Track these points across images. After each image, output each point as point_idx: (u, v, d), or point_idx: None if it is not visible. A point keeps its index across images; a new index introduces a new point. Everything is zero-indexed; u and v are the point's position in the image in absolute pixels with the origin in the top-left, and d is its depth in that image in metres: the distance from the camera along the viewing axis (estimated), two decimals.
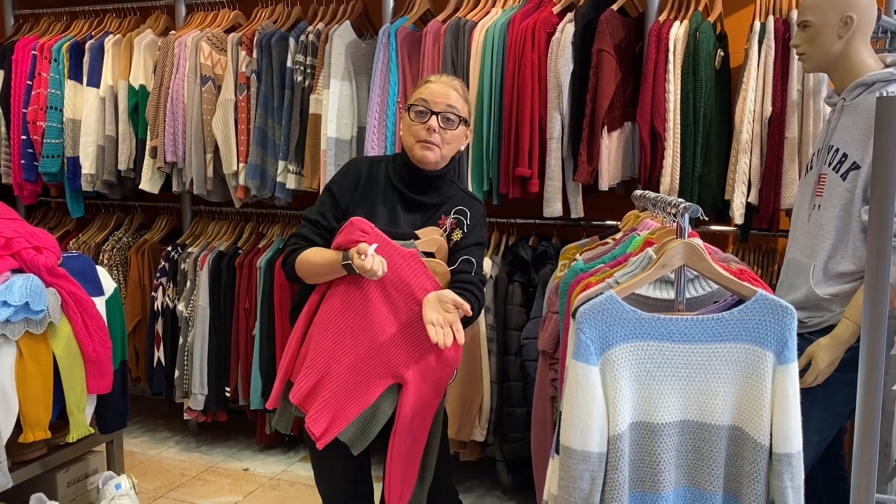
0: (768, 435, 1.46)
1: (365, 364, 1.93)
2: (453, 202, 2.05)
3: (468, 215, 2.04)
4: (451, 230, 2.02)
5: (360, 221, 1.92)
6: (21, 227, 2.35)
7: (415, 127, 1.97)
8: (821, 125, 2.54)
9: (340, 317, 1.93)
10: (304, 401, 1.95)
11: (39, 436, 2.27)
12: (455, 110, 1.98)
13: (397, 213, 2.02)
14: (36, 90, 3.64)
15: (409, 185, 2.01)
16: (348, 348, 1.93)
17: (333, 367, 1.93)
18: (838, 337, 1.89)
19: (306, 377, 1.94)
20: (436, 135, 1.95)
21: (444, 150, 1.99)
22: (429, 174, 2.01)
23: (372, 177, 2.04)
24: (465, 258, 2.00)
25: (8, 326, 2.17)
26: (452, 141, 1.99)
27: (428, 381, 1.97)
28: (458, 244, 2.02)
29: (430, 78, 2.04)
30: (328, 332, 1.94)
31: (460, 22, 2.92)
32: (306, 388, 1.94)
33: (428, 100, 1.97)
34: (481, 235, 2.07)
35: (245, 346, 3.38)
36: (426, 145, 1.95)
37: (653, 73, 2.68)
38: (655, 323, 1.47)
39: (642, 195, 2.13)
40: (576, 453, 1.46)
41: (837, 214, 1.94)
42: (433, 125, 1.94)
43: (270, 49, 3.20)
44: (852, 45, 1.99)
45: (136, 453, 3.46)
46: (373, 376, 1.93)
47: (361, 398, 1.93)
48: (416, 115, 1.97)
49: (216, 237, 3.59)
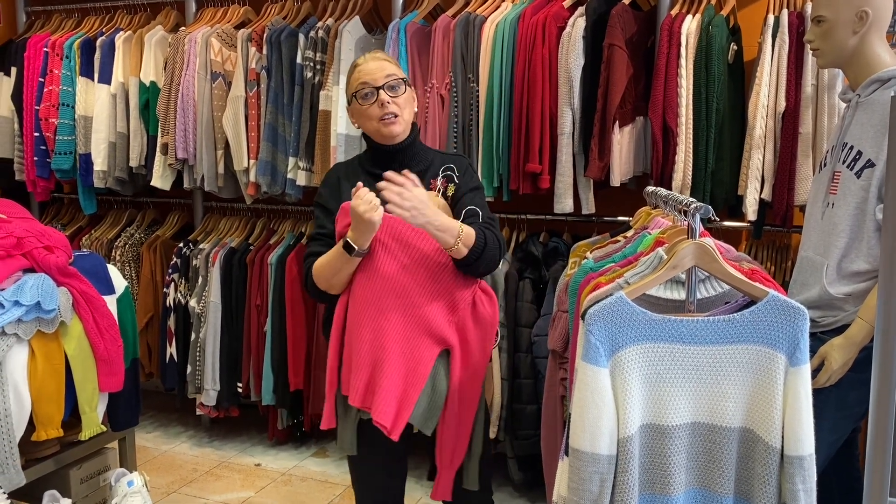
0: (780, 437, 1.44)
1: (409, 341, 1.91)
2: (436, 164, 2.05)
3: (454, 169, 2.04)
4: (444, 189, 2.03)
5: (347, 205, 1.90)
6: (32, 226, 2.36)
7: (368, 109, 1.97)
8: (835, 120, 2.51)
9: (369, 304, 1.91)
10: (364, 399, 1.90)
11: (52, 434, 2.28)
12: (395, 76, 1.98)
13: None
14: (48, 87, 3.66)
15: (386, 165, 1.97)
16: (387, 332, 1.90)
17: (380, 356, 1.90)
18: (852, 337, 1.87)
19: (358, 375, 1.90)
20: (391, 105, 1.95)
21: (405, 116, 1.99)
22: (399, 147, 2.01)
23: (349, 174, 2.05)
24: (467, 208, 1.99)
25: (20, 326, 2.18)
26: (406, 104, 2.00)
27: (471, 343, 1.96)
28: (455, 196, 2.02)
29: (357, 61, 2.03)
30: (364, 324, 1.91)
31: (470, 17, 2.91)
32: (362, 386, 1.89)
33: (367, 80, 1.96)
34: (474, 180, 2.07)
35: (256, 342, 3.39)
36: (388, 121, 1.96)
37: (665, 68, 2.65)
38: (666, 324, 1.46)
39: (654, 192, 2.10)
40: (585, 455, 1.45)
41: (852, 213, 1.91)
42: (384, 98, 1.95)
43: (280, 45, 3.19)
44: (867, 41, 1.96)
45: (149, 448, 3.48)
46: (420, 350, 1.91)
47: (417, 375, 1.91)
48: (364, 99, 1.97)
49: (227, 233, 3.60)
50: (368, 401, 1.90)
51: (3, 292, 2.17)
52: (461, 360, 1.95)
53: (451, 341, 1.93)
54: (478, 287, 1.99)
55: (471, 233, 1.88)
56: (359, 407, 1.91)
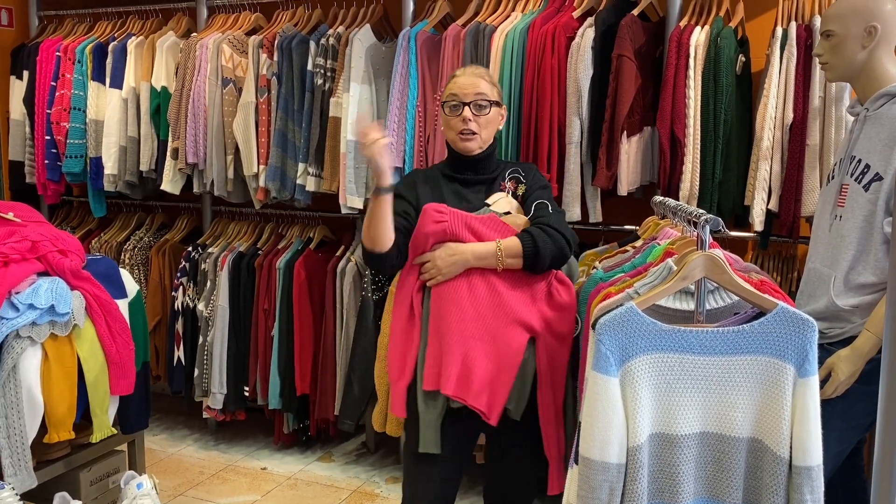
0: (788, 448, 1.46)
1: (497, 329, 1.97)
2: (503, 169, 2.20)
3: (521, 172, 2.19)
4: (513, 189, 2.15)
5: (432, 206, 2.04)
6: (47, 230, 2.39)
7: (452, 120, 2.12)
8: (843, 133, 2.53)
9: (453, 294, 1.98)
10: (457, 388, 1.93)
11: (63, 436, 2.31)
12: (484, 96, 2.11)
13: (462, 193, 2.14)
14: (60, 91, 3.69)
15: (463, 171, 2.16)
16: (477, 321, 1.96)
17: (471, 344, 1.95)
18: (859, 349, 1.88)
19: (450, 365, 1.93)
20: (472, 123, 2.09)
21: (484, 135, 2.12)
22: (476, 157, 2.14)
23: (428, 177, 2.18)
24: (537, 203, 2.11)
25: (34, 329, 2.21)
26: (489, 124, 2.13)
27: (552, 331, 2.02)
28: (525, 195, 2.15)
29: (457, 72, 2.18)
30: (451, 314, 1.97)
31: (480, 26, 2.93)
32: (455, 375, 1.93)
33: (458, 93, 2.11)
34: (542, 180, 2.21)
35: (264, 347, 3.41)
36: (466, 136, 2.09)
37: (673, 79, 2.67)
38: (675, 335, 1.48)
39: (662, 202, 2.12)
40: (595, 464, 1.47)
41: (859, 225, 1.93)
42: (467, 115, 2.08)
43: (291, 52, 3.22)
44: (876, 55, 1.98)
45: (155, 451, 3.50)
46: (510, 336, 1.97)
47: (510, 360, 1.96)
48: (451, 110, 2.12)
49: (236, 238, 3.63)
50: (462, 390, 1.93)
51: (18, 295, 2.19)
52: (546, 347, 2.02)
53: (537, 328, 2.00)
54: (553, 278, 2.06)
55: (512, 245, 1.99)
56: (452, 395, 1.93)
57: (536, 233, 2.00)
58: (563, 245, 2.03)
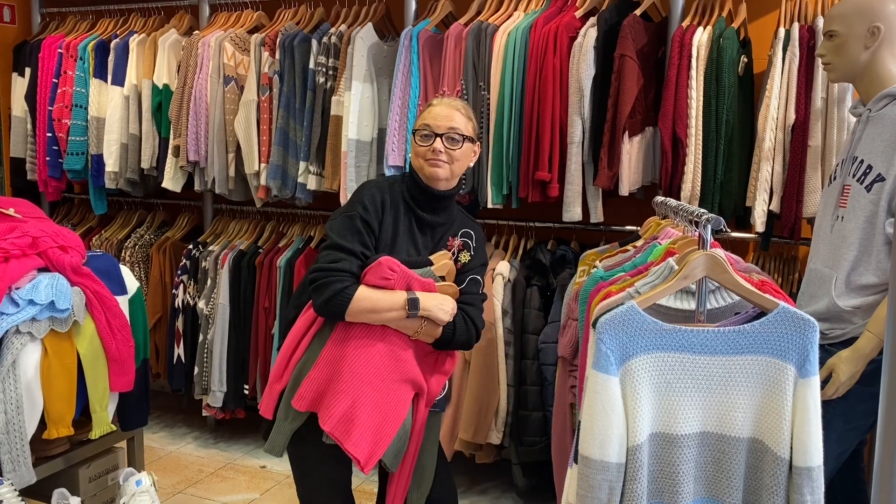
0: (788, 448, 1.45)
1: (393, 382, 1.98)
2: (458, 223, 2.15)
3: (472, 238, 2.14)
4: (458, 252, 2.12)
5: (387, 261, 1.95)
6: (47, 226, 2.39)
7: (421, 149, 2.05)
8: (845, 134, 2.52)
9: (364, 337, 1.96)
10: (336, 427, 1.91)
11: (63, 432, 2.31)
12: (458, 130, 2.04)
13: (414, 236, 2.08)
14: (61, 88, 3.69)
15: (422, 205, 2.08)
16: (376, 369, 1.96)
17: (364, 390, 1.93)
18: (860, 350, 1.88)
19: (337, 402, 1.91)
20: (442, 154, 2.02)
21: (454, 167, 2.05)
22: (439, 194, 2.07)
23: (392, 199, 2.07)
24: (472, 278, 2.10)
25: (34, 325, 2.20)
26: (461, 158, 2.06)
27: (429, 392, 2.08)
28: (466, 266, 2.12)
29: (433, 101, 2.12)
30: (355, 355, 1.94)
31: (482, 25, 2.93)
32: (339, 414, 1.91)
33: (431, 124, 2.04)
34: (484, 257, 2.20)
35: (264, 345, 3.41)
36: (434, 162, 2.02)
37: (675, 79, 2.67)
38: (676, 334, 1.47)
39: (663, 202, 2.12)
40: (594, 463, 1.46)
41: (861, 226, 1.93)
42: (438, 147, 2.02)
43: (293, 50, 3.22)
44: (879, 56, 1.97)
45: (154, 448, 3.50)
46: (400, 391, 1.99)
47: (396, 415, 1.97)
48: (422, 139, 2.05)
49: (237, 236, 3.63)
50: (340, 430, 1.91)
51: (18, 291, 2.19)
52: (421, 407, 2.06)
53: (423, 388, 2.04)
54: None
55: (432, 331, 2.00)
56: (329, 432, 1.91)
57: (458, 323, 2.03)
58: (473, 339, 2.09)
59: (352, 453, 1.91)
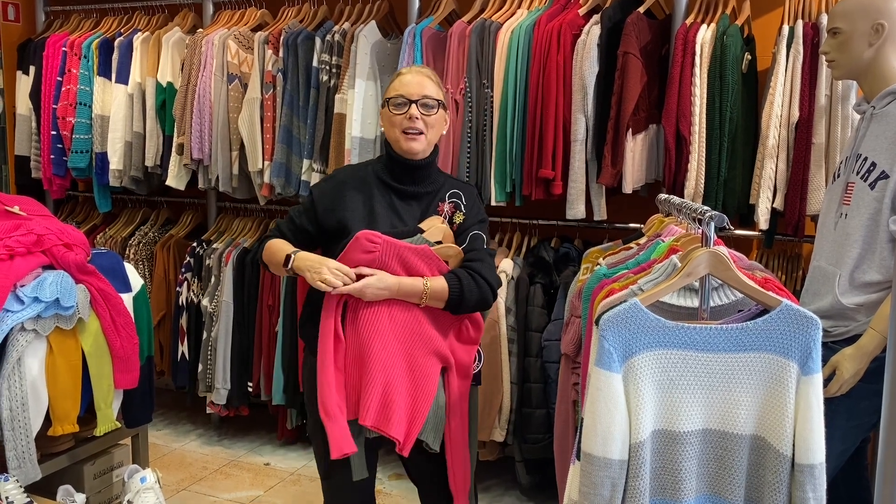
0: (791, 445, 1.45)
1: (416, 359, 1.96)
2: (445, 188, 2.09)
3: (462, 197, 2.09)
4: (451, 214, 2.07)
5: (365, 235, 1.92)
6: (52, 224, 2.39)
7: (396, 118, 2.01)
8: (849, 131, 2.52)
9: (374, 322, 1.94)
10: (378, 418, 1.90)
11: (68, 429, 2.32)
12: (431, 96, 2.02)
13: (396, 208, 2.04)
14: (66, 86, 3.70)
15: (400, 178, 2.05)
16: (397, 349, 1.94)
17: (391, 372, 1.92)
18: (863, 347, 1.88)
19: (371, 395, 1.90)
20: (418, 121, 1.99)
21: (429, 135, 2.03)
22: (417, 163, 2.04)
23: (359, 180, 2.06)
24: (473, 234, 2.05)
25: (39, 322, 2.21)
26: (435, 125, 2.04)
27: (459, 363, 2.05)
28: (462, 226, 2.07)
29: (402, 70, 2.09)
30: (372, 342, 1.93)
31: (485, 23, 2.93)
32: (376, 405, 1.90)
33: (404, 92, 2.01)
34: (481, 213, 2.12)
35: (268, 342, 3.42)
36: (411, 136, 1.99)
37: (679, 76, 2.67)
38: (679, 331, 1.48)
39: (667, 200, 2.12)
40: (597, 460, 1.46)
41: (865, 224, 1.92)
42: (414, 113, 1.99)
43: (297, 48, 3.22)
44: (883, 53, 1.97)
45: (159, 446, 3.51)
46: (426, 366, 1.97)
47: (426, 390, 1.96)
48: (396, 107, 2.01)
49: (241, 233, 3.63)
50: (382, 420, 1.90)
51: (23, 289, 2.20)
52: (453, 379, 2.04)
53: (449, 360, 2.01)
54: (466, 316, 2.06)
55: (438, 289, 1.95)
56: (371, 426, 1.90)
57: (465, 279, 1.97)
58: (487, 294, 2.01)
59: (393, 436, 1.90)
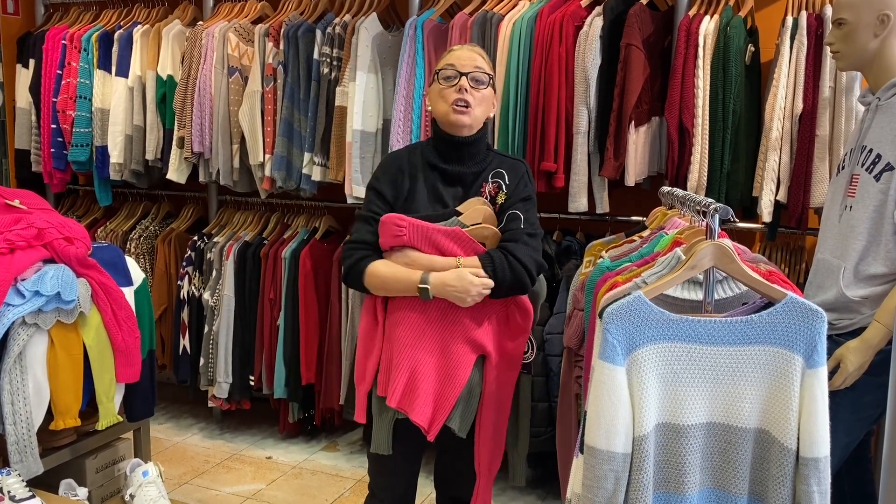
0: (795, 439, 1.45)
1: (447, 346, 1.95)
2: (490, 168, 2.03)
3: (505, 177, 2.02)
4: (493, 195, 2.01)
5: (390, 218, 1.93)
6: (53, 217, 2.38)
7: (446, 91, 1.96)
8: (853, 123, 2.51)
9: (408, 305, 1.94)
10: (401, 401, 1.94)
11: (69, 423, 2.31)
12: (483, 70, 1.99)
13: (439, 190, 2.01)
14: (66, 79, 3.69)
15: (446, 157, 2.01)
16: (429, 334, 1.94)
17: (420, 357, 1.93)
18: (868, 340, 1.87)
19: (398, 376, 1.93)
20: (468, 94, 1.94)
21: (477, 111, 1.98)
22: (464, 140, 1.99)
23: (410, 163, 2.04)
24: (510, 213, 1.98)
25: (40, 316, 2.20)
26: (483, 101, 1.99)
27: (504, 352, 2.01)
28: (504, 206, 2.00)
29: (454, 47, 2.06)
30: (405, 324, 1.94)
31: (487, 15, 2.91)
32: (401, 387, 1.93)
33: (455, 63, 1.97)
34: (526, 191, 2.03)
35: (269, 336, 3.41)
36: (459, 109, 1.94)
37: (682, 68, 2.65)
38: (683, 324, 1.47)
39: (670, 192, 2.11)
40: (600, 453, 1.46)
41: (870, 216, 1.91)
42: (464, 84, 1.94)
43: (297, 41, 3.21)
44: (888, 44, 1.96)
45: (161, 439, 3.51)
46: (458, 355, 1.95)
47: (455, 379, 1.94)
48: (446, 80, 1.97)
49: (242, 227, 3.62)
50: (405, 403, 1.93)
51: (24, 282, 2.19)
52: (495, 368, 2.00)
53: (488, 348, 1.98)
54: (512, 302, 2.01)
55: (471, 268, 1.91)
56: (395, 408, 1.94)
57: (498, 260, 1.91)
58: (522, 276, 1.92)
59: (416, 421, 1.93)
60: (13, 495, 2.15)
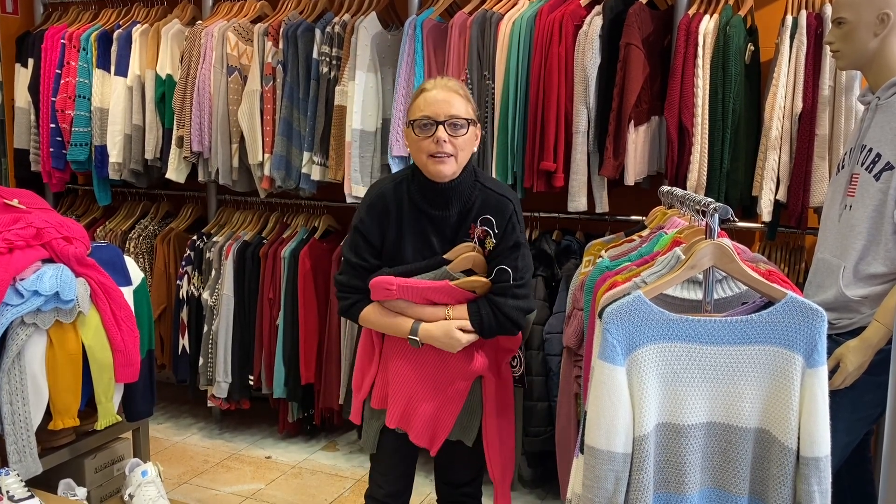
0: (796, 438, 1.45)
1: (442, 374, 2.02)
2: (478, 207, 1.95)
3: (493, 223, 1.94)
4: (482, 239, 1.96)
5: (379, 282, 1.93)
6: (52, 217, 2.38)
7: (422, 142, 1.86)
8: (852, 122, 2.50)
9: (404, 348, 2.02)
10: (400, 422, 2.05)
11: (68, 423, 2.31)
12: (460, 116, 1.87)
13: (427, 236, 1.96)
14: (65, 79, 3.68)
15: (432, 202, 1.94)
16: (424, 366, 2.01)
17: (416, 388, 2.02)
18: (868, 339, 1.87)
19: (395, 403, 2.04)
20: (447, 144, 1.85)
21: (460, 158, 1.89)
22: (448, 185, 1.92)
23: (396, 205, 1.96)
24: (498, 268, 1.94)
25: (39, 315, 2.20)
26: (465, 146, 1.89)
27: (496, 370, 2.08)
28: (493, 252, 1.95)
29: (426, 85, 1.92)
30: (400, 356, 2.02)
31: (487, 14, 2.91)
32: (398, 413, 2.04)
33: (429, 113, 1.86)
34: (515, 236, 1.96)
35: (268, 336, 3.41)
36: (439, 160, 1.86)
37: (681, 68, 2.65)
38: (683, 324, 1.47)
39: (669, 192, 2.11)
40: (601, 453, 1.46)
41: (869, 215, 1.91)
42: (441, 136, 1.84)
43: (296, 40, 3.20)
44: (888, 43, 1.95)
45: (160, 439, 3.51)
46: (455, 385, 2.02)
47: (452, 406, 2.03)
48: (421, 130, 1.87)
49: (241, 227, 3.62)
50: (404, 425, 2.05)
51: (23, 282, 2.19)
52: (490, 384, 2.07)
53: (482, 372, 2.04)
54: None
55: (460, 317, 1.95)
56: (396, 427, 2.05)
57: (486, 314, 1.93)
58: (508, 329, 1.96)
59: (416, 443, 2.05)
60: (12, 495, 2.15)
